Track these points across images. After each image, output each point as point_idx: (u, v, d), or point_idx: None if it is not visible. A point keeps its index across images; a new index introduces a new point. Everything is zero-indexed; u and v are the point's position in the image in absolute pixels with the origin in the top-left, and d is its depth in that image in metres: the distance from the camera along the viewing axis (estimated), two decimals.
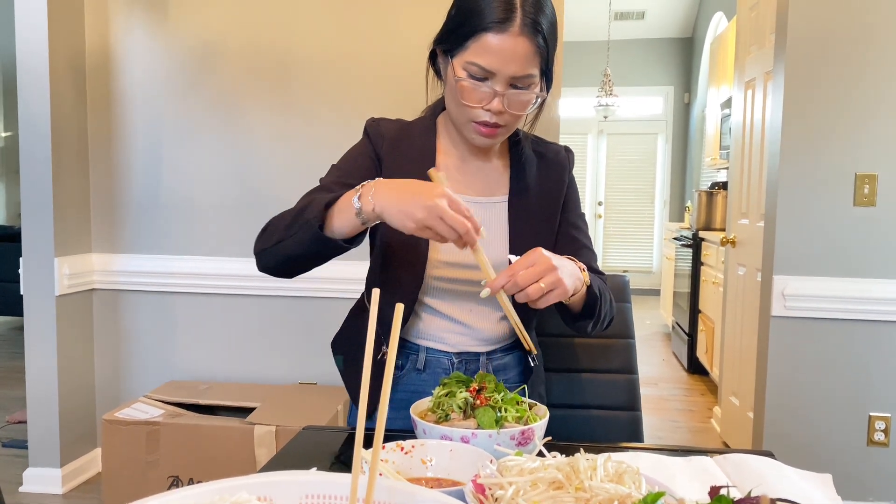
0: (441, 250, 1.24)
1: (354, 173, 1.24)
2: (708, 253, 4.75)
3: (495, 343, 1.32)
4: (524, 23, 1.11)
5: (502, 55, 1.11)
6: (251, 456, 2.32)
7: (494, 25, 1.10)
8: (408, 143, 1.29)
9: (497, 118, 1.17)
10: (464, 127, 1.22)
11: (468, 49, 1.13)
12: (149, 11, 2.84)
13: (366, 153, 1.28)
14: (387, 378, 0.61)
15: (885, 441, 2.41)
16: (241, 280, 2.85)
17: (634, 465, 0.74)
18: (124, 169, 2.90)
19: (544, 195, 1.32)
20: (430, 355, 1.30)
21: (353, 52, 2.75)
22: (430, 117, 1.34)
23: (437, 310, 1.28)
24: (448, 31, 1.18)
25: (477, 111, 1.17)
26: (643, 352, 5.54)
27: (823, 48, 2.36)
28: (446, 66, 1.20)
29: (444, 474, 0.89)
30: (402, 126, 1.32)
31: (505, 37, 1.11)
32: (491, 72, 1.13)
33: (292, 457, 1.07)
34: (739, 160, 3.40)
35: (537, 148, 1.35)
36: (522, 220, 1.28)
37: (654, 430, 3.74)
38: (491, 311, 1.30)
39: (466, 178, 1.29)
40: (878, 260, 2.38)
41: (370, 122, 1.32)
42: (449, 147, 1.31)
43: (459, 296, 1.27)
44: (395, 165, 1.26)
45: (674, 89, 8.48)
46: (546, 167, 1.34)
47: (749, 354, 3.04)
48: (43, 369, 2.76)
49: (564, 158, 1.36)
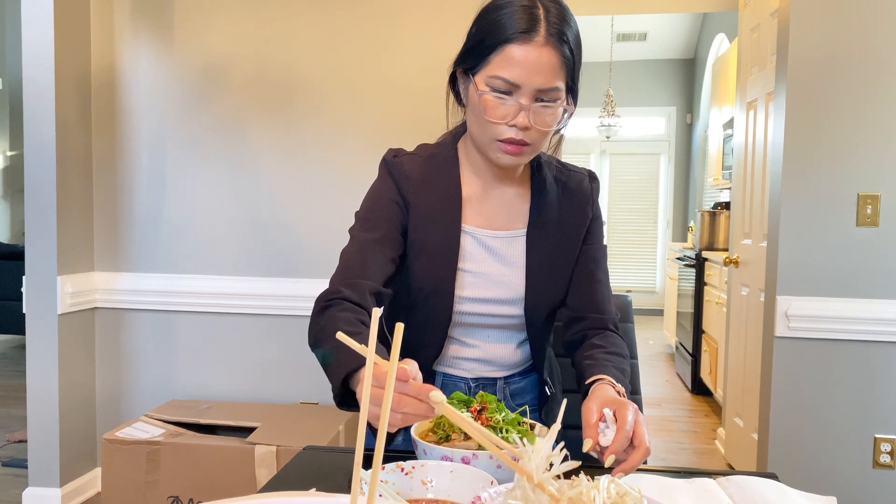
0: (463, 286, 1.23)
1: (381, 223, 1.20)
2: (711, 273, 4.74)
3: (512, 368, 1.31)
4: (549, 32, 1.08)
5: (527, 66, 1.08)
6: (252, 476, 2.30)
7: (518, 36, 1.07)
8: (433, 183, 1.24)
9: (523, 135, 1.12)
10: (488, 147, 1.17)
11: (491, 63, 1.10)
12: (154, 32, 2.87)
13: (389, 196, 1.23)
14: (386, 397, 0.60)
15: (891, 463, 2.39)
16: (243, 299, 2.85)
17: (637, 487, 0.73)
18: (128, 188, 2.92)
19: (564, 229, 1.27)
20: (447, 380, 1.29)
21: (357, 73, 2.77)
22: (451, 144, 1.29)
23: (454, 338, 1.28)
24: (469, 48, 1.15)
25: (501, 128, 1.12)
26: (646, 372, 5.51)
27: (825, 69, 2.37)
28: (468, 85, 1.16)
29: (444, 496, 0.88)
30: (425, 161, 1.26)
31: (529, 47, 1.07)
32: (516, 84, 1.09)
33: (292, 477, 1.06)
34: (742, 180, 3.41)
35: (560, 176, 1.30)
36: (540, 254, 1.25)
37: (657, 451, 3.72)
38: (509, 339, 1.29)
39: (488, 210, 1.26)
40: (881, 281, 2.37)
41: (391, 161, 1.25)
42: (471, 177, 1.27)
43: (479, 327, 1.27)
44: (423, 206, 1.23)
45: (676, 110, 8.52)
46: (568, 199, 1.29)
47: (753, 375, 3.02)
48: (44, 388, 2.75)
49: (588, 188, 1.31)
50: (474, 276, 1.23)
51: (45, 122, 2.69)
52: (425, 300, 1.23)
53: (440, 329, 1.24)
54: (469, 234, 1.24)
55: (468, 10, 1.19)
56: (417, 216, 1.22)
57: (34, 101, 2.69)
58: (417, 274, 1.23)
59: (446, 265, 1.21)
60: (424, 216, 1.22)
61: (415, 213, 1.22)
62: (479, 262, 1.24)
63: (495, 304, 1.24)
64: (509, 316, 1.25)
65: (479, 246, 1.24)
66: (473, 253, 1.24)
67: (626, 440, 0.96)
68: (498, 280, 1.24)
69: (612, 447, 0.95)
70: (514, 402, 1.31)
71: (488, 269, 1.24)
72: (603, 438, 0.99)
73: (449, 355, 1.28)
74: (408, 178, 1.23)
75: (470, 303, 1.23)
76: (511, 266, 1.25)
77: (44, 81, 2.67)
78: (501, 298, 1.24)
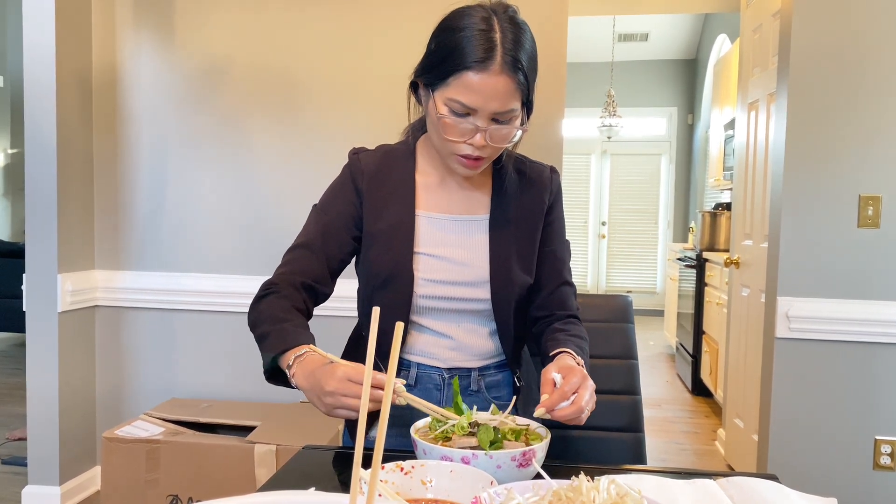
0: (424, 269, 1.27)
1: (334, 221, 1.30)
2: (712, 274, 4.74)
3: (486, 358, 1.34)
4: (504, 61, 1.13)
5: (483, 93, 1.13)
6: (251, 475, 2.30)
7: (475, 65, 1.12)
8: (387, 174, 1.31)
9: (479, 151, 1.19)
10: (447, 158, 1.24)
11: (449, 85, 1.15)
12: (155, 31, 2.87)
13: (345, 193, 1.32)
14: (386, 396, 0.60)
15: (892, 465, 2.39)
16: (243, 298, 2.83)
17: (637, 488, 0.73)
18: (128, 186, 2.92)
19: (525, 214, 1.33)
20: (422, 371, 1.32)
21: (357, 71, 2.77)
22: (410, 141, 1.36)
23: (426, 326, 1.31)
24: (429, 65, 1.20)
25: (460, 145, 1.19)
26: (647, 373, 5.51)
27: (826, 70, 2.37)
28: (427, 97, 1.22)
29: (444, 495, 0.88)
30: (383, 155, 1.34)
31: (486, 76, 1.13)
32: (473, 108, 1.15)
33: (291, 476, 1.06)
34: (743, 181, 3.41)
35: (520, 167, 1.36)
36: (503, 239, 1.30)
37: (657, 452, 3.72)
38: (480, 327, 1.32)
39: (447, 196, 1.32)
40: (882, 282, 2.37)
41: (351, 157, 1.35)
42: (428, 168, 1.33)
43: (447, 312, 1.30)
44: (376, 199, 1.30)
45: (677, 110, 8.52)
46: (528, 186, 1.35)
47: (753, 376, 3.02)
48: (44, 386, 2.75)
49: (548, 178, 1.37)
50: (435, 259, 1.28)
51: (46, 120, 2.69)
52: (385, 284, 1.27)
53: (401, 313, 1.27)
54: (425, 218, 1.30)
55: None
56: (371, 206, 1.30)
57: (35, 100, 2.69)
58: (374, 259, 1.28)
59: (402, 248, 1.27)
60: (378, 204, 1.29)
61: (369, 204, 1.30)
62: (438, 245, 1.29)
63: (459, 287, 1.28)
64: (476, 300, 1.29)
65: (437, 229, 1.30)
66: (431, 236, 1.29)
67: (562, 398, 1.04)
68: (460, 262, 1.28)
69: (547, 402, 1.04)
70: (489, 394, 1.34)
71: (449, 252, 1.28)
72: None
73: (420, 345, 1.31)
74: (363, 172, 1.31)
75: (431, 285, 1.27)
76: (473, 250, 1.29)
77: (45, 80, 2.67)
78: (465, 281, 1.28)
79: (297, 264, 1.28)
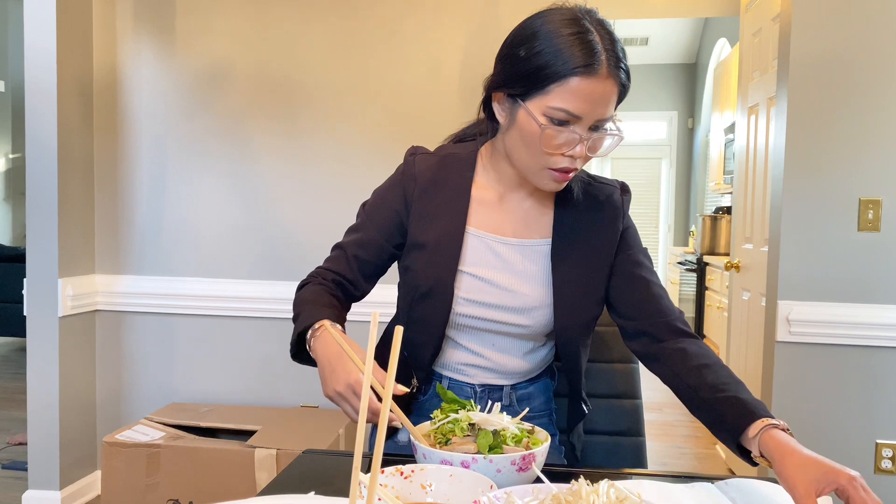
0: (466, 289, 1.22)
1: (378, 228, 1.28)
2: (712, 277, 4.73)
3: (519, 377, 1.30)
4: (610, 63, 1.06)
5: (591, 99, 1.06)
6: (251, 479, 2.30)
7: (581, 69, 1.05)
8: (443, 183, 1.25)
9: (577, 163, 1.12)
10: (536, 174, 1.15)
11: (550, 93, 1.07)
12: (156, 36, 2.88)
13: (393, 199, 1.27)
14: (385, 402, 0.60)
15: (893, 469, 2.38)
16: (243, 302, 2.85)
17: (637, 492, 0.73)
18: (129, 191, 2.92)
19: (593, 243, 1.24)
20: (454, 384, 1.28)
21: (358, 77, 2.77)
22: (473, 146, 1.29)
23: (461, 343, 1.27)
24: (520, 74, 1.10)
25: (557, 158, 1.11)
26: (648, 376, 5.48)
27: (826, 73, 2.37)
28: (514, 110, 1.13)
29: (443, 500, 0.88)
30: (440, 161, 1.27)
31: (593, 80, 1.05)
32: (577, 116, 1.07)
33: (292, 481, 1.06)
34: (743, 185, 3.41)
35: (589, 189, 1.26)
36: (568, 267, 1.22)
37: (658, 456, 3.71)
38: (515, 348, 1.27)
39: (501, 217, 1.25)
40: (883, 285, 2.37)
41: (407, 158, 1.28)
42: (488, 182, 1.26)
43: (482, 332, 1.26)
44: (427, 208, 1.24)
45: (678, 114, 8.52)
46: (597, 210, 1.25)
47: (754, 380, 3.02)
48: (44, 391, 2.75)
49: (618, 201, 1.27)
50: (478, 280, 1.22)
51: (47, 124, 2.69)
52: (424, 298, 1.23)
53: (437, 328, 1.23)
54: (475, 237, 1.23)
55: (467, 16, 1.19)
56: (420, 215, 1.24)
57: (36, 104, 2.69)
58: (417, 271, 1.24)
59: (446, 264, 1.21)
60: (428, 215, 1.24)
61: (417, 212, 1.24)
62: (484, 266, 1.22)
63: (499, 311, 1.22)
64: (516, 325, 1.23)
65: (485, 250, 1.23)
66: (479, 256, 1.23)
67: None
68: (504, 287, 1.22)
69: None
70: (519, 407, 1.29)
71: (494, 275, 1.22)
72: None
73: (454, 360, 1.28)
74: (415, 178, 1.25)
75: (470, 305, 1.22)
76: (522, 276, 1.22)
77: (46, 84, 2.68)
78: (506, 306, 1.22)
79: (332, 263, 1.31)
